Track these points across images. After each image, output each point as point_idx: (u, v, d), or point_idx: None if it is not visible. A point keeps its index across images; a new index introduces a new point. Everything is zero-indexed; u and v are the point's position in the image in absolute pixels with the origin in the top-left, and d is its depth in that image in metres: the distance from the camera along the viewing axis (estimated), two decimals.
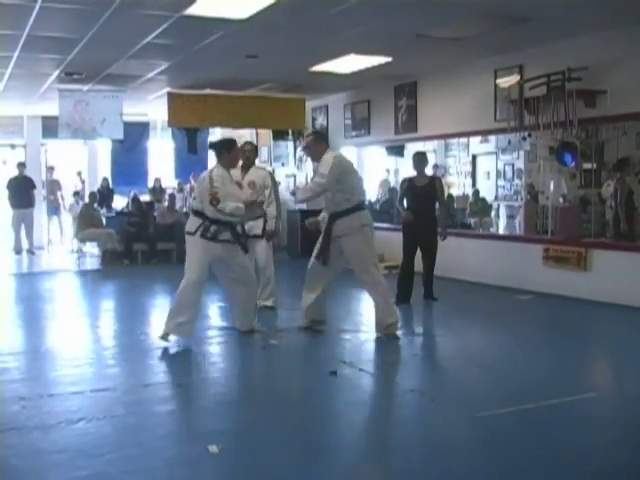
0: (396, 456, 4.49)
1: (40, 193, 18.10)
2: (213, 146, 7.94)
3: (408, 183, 9.68)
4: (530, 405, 5.28)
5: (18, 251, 16.29)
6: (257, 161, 9.71)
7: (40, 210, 17.99)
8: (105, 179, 17.66)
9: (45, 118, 17.73)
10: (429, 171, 10.70)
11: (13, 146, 18.71)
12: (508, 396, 5.60)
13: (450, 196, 15.44)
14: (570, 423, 5.00)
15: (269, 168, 10.16)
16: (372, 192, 16.84)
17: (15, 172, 16.71)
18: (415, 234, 9.57)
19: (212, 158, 20.48)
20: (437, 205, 9.73)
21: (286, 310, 9.19)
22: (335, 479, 4.30)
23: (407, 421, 5.15)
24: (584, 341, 7.53)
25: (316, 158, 7.88)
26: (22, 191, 16.32)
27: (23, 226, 16.39)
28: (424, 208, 9.53)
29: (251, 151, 9.18)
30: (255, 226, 8.67)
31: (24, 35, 9.36)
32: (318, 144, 7.84)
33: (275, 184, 9.23)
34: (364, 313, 9.26)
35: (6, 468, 4.23)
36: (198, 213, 7.26)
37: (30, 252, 16.37)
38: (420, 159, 9.83)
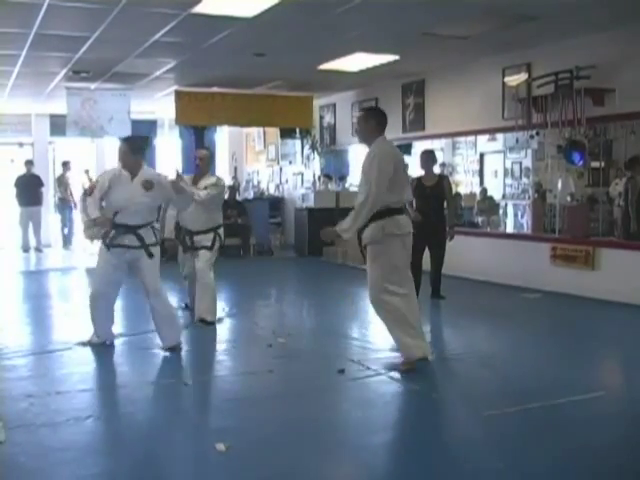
0: (403, 455, 4.49)
1: (49, 191, 18.14)
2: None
3: (417, 182, 9.58)
4: (537, 404, 5.27)
5: (26, 249, 16.32)
6: (263, 159, 9.72)
7: (48, 208, 18.01)
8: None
9: (53, 116, 17.75)
10: (437, 169, 10.65)
11: (21, 144, 18.74)
12: (515, 395, 5.58)
13: (458, 194, 15.43)
14: (578, 422, 4.98)
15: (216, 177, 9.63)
16: None
17: (23, 170, 16.74)
18: (424, 234, 9.42)
19: (220, 156, 20.55)
20: (445, 204, 9.70)
21: (294, 308, 9.20)
22: (342, 477, 4.31)
23: (414, 420, 5.14)
24: (592, 340, 7.50)
25: (364, 141, 6.72)
26: (30, 189, 16.36)
27: (31, 224, 16.42)
28: (432, 208, 9.49)
29: (202, 159, 8.94)
30: (204, 239, 8.51)
31: (32, 33, 9.37)
32: (367, 123, 6.67)
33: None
34: (370, 311, 9.25)
35: (14, 466, 4.24)
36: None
37: (38, 250, 16.40)
38: (428, 158, 9.78)
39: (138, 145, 7.26)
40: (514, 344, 7.44)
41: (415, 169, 13.37)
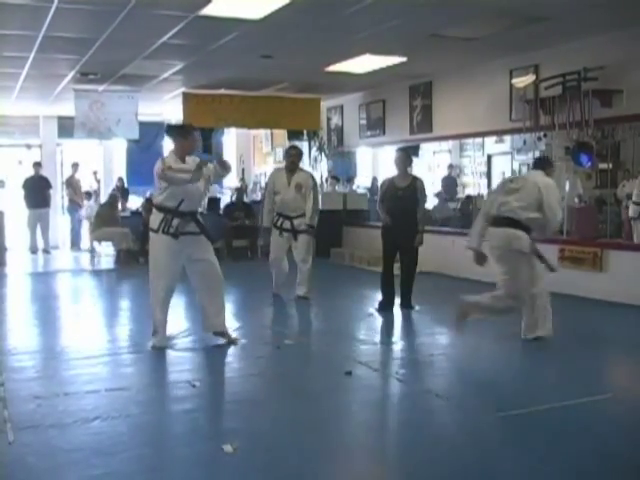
0: (411, 457, 4.48)
1: (57, 192, 18.18)
2: (169, 131, 7.43)
3: (388, 183, 9.25)
4: (546, 406, 5.26)
5: (34, 251, 16.36)
6: (271, 161, 9.98)
7: (56, 210, 18.05)
8: (120, 179, 17.70)
9: (61, 118, 17.79)
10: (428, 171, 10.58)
11: (29, 146, 18.79)
12: (523, 397, 5.58)
13: (469, 197, 15.42)
14: (586, 424, 4.97)
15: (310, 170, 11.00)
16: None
17: (31, 172, 16.78)
18: (394, 238, 9.14)
19: (227, 158, 20.55)
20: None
21: (301, 310, 9.21)
22: (350, 479, 4.31)
23: (422, 422, 5.13)
24: (600, 342, 7.49)
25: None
26: (38, 191, 16.39)
27: (39, 226, 16.46)
28: (403, 210, 9.01)
29: (296, 155, 10.03)
30: (302, 223, 9.71)
31: (40, 36, 9.40)
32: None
33: (315, 185, 10.18)
34: (375, 312, 9.26)
35: (22, 466, 4.25)
36: (160, 207, 6.97)
37: (46, 252, 16.43)
38: (402, 157, 9.22)
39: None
40: (521, 346, 7.42)
41: (420, 170, 13.37)
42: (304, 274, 9.88)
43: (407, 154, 9.44)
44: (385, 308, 9.13)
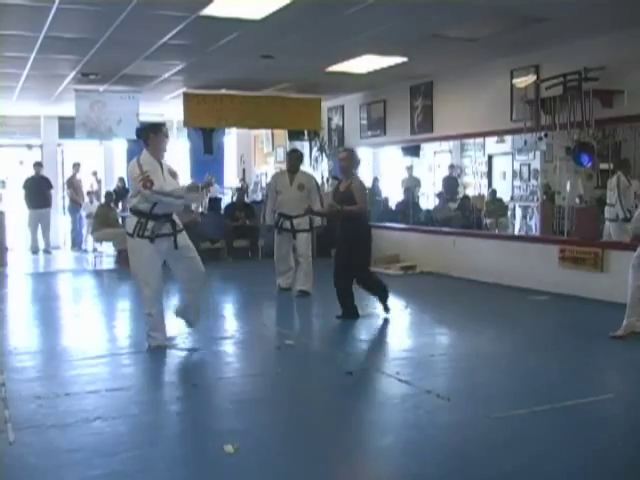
0: (412, 457, 4.49)
1: (58, 193, 18.18)
2: (139, 132, 7.26)
3: (335, 186, 9.13)
4: (546, 406, 5.26)
5: (35, 251, 16.37)
6: (271, 161, 10.07)
7: (56, 210, 18.05)
8: (121, 179, 17.70)
9: (62, 118, 17.78)
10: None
11: (30, 146, 18.80)
12: (524, 397, 5.58)
13: (466, 197, 15.43)
14: (586, 425, 4.97)
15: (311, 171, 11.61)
16: (389, 192, 16.85)
17: (32, 172, 16.79)
18: (336, 242, 8.93)
19: (228, 158, 20.58)
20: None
21: (301, 310, 9.22)
22: (351, 479, 4.31)
23: (423, 422, 5.14)
24: (600, 342, 7.48)
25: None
26: (39, 191, 16.40)
27: (40, 226, 16.47)
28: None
29: (297, 158, 10.63)
30: (302, 222, 10.16)
31: (41, 36, 9.40)
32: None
33: (318, 186, 10.80)
34: (379, 313, 9.25)
35: (23, 466, 4.25)
36: (134, 211, 6.93)
37: (46, 252, 16.44)
38: (347, 157, 8.77)
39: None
40: (522, 346, 7.43)
41: (422, 172, 13.38)
42: (304, 269, 10.17)
43: (352, 154, 8.92)
44: (348, 316, 8.60)
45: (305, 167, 17.32)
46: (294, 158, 10.65)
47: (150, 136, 6.95)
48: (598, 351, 7.21)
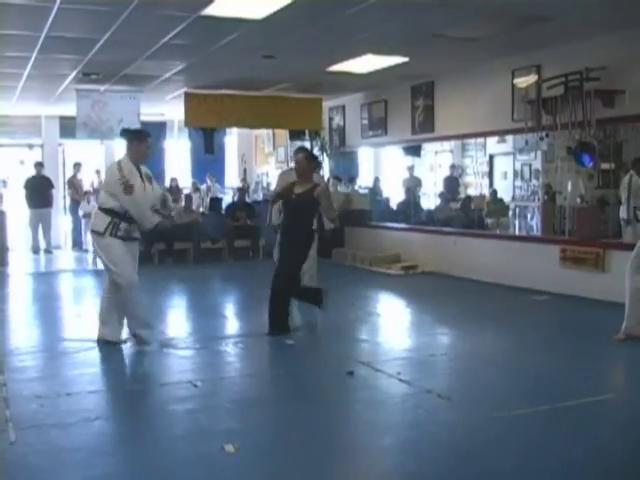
0: (412, 456, 4.48)
1: (59, 192, 18.18)
2: (125, 134, 7.25)
3: (284, 188, 8.33)
4: (546, 406, 5.26)
5: (36, 251, 16.37)
6: (272, 161, 9.89)
7: (57, 209, 18.05)
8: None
9: (63, 118, 17.78)
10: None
11: (31, 146, 18.80)
12: (524, 397, 5.58)
13: (469, 197, 15.45)
14: (586, 424, 4.97)
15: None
16: (390, 192, 16.87)
17: (33, 172, 16.79)
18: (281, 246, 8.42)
19: (229, 158, 20.58)
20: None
21: (302, 309, 9.20)
22: (352, 479, 4.31)
23: (423, 421, 5.14)
24: (600, 342, 7.47)
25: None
26: (40, 191, 16.39)
27: (41, 226, 16.46)
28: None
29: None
30: None
31: (42, 36, 9.40)
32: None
33: (327, 186, 10.17)
34: (381, 313, 9.27)
35: (24, 466, 4.25)
36: (106, 210, 6.86)
37: (47, 252, 16.44)
38: (302, 160, 8.11)
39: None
40: (523, 346, 7.43)
41: (423, 172, 13.34)
42: (309, 272, 9.73)
43: (308, 157, 8.27)
44: (280, 330, 7.83)
45: None
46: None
47: (134, 142, 7.00)
48: (599, 351, 7.21)
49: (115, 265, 6.88)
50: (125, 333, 7.40)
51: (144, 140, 7.06)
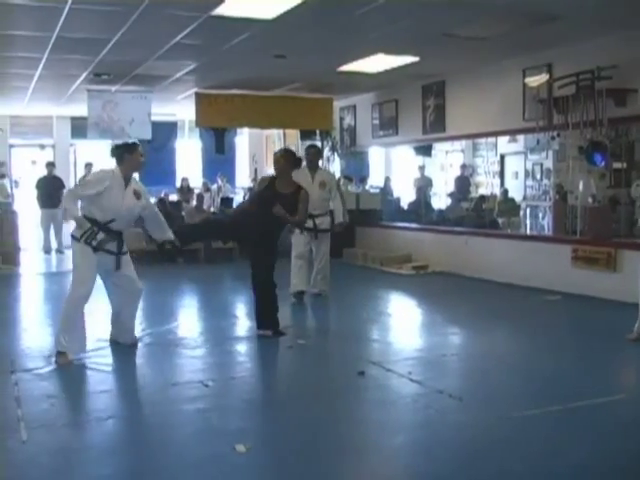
0: (423, 457, 4.48)
1: None
2: (113, 152, 7.05)
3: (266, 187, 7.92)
4: (558, 407, 5.24)
5: (47, 250, 16.41)
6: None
7: None
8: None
9: (74, 118, 17.84)
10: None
11: (42, 146, 18.87)
12: (536, 397, 5.56)
13: (482, 197, 15.42)
14: (598, 425, 4.95)
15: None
16: (401, 191, 16.86)
17: (44, 172, 16.84)
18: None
19: (240, 158, 20.57)
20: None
21: (313, 309, 9.22)
22: (362, 479, 4.31)
23: (434, 422, 5.13)
24: (613, 342, 7.45)
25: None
26: (51, 191, 16.42)
27: (52, 226, 16.51)
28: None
29: (315, 154, 10.03)
30: (324, 221, 9.73)
31: (53, 36, 9.43)
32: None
33: (339, 183, 10.27)
34: (392, 313, 9.26)
35: (35, 465, 4.27)
36: (87, 217, 6.73)
37: (59, 252, 16.48)
38: (280, 159, 7.87)
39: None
40: (534, 346, 7.40)
41: (434, 172, 13.25)
42: (323, 271, 9.85)
43: (287, 156, 7.97)
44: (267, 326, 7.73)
45: None
46: (312, 154, 9.93)
47: (125, 157, 6.92)
48: (611, 351, 7.17)
49: (74, 269, 6.77)
50: (139, 333, 7.43)
51: (135, 151, 6.99)
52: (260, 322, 7.68)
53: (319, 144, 16.35)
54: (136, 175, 7.36)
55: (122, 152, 6.94)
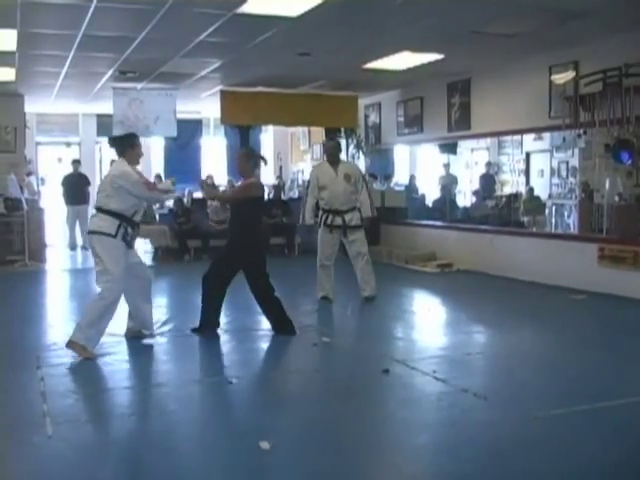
0: (447, 456, 4.46)
1: (96, 189, 18.32)
2: (114, 143, 7.20)
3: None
4: (585, 406, 5.20)
5: (73, 247, 16.51)
6: (308, 158, 9.84)
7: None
8: (158, 176, 17.77)
9: (100, 116, 17.96)
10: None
11: (68, 144, 19.00)
12: (562, 397, 5.53)
13: (512, 194, 15.33)
14: (626, 426, 4.91)
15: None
16: (426, 189, 16.81)
17: (70, 169, 16.94)
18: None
19: (265, 156, 20.57)
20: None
21: (338, 307, 9.20)
22: (386, 477, 4.30)
23: (459, 420, 5.10)
24: (639, 342, 7.39)
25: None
26: (77, 188, 16.52)
27: (78, 222, 16.60)
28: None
29: (334, 147, 9.72)
30: (354, 217, 9.29)
31: (80, 35, 9.48)
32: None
33: (363, 175, 9.91)
34: (416, 311, 9.22)
35: (60, 460, 4.30)
36: (112, 212, 6.80)
37: (84, 248, 16.56)
38: (240, 157, 7.85)
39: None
40: (560, 345, 7.36)
41: (459, 170, 13.18)
42: (365, 271, 9.44)
43: (246, 154, 7.87)
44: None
45: None
46: (332, 147, 9.66)
47: (128, 149, 6.99)
48: (637, 350, 7.11)
49: (112, 266, 6.73)
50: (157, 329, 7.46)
51: (135, 144, 7.06)
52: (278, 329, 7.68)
53: (344, 142, 16.38)
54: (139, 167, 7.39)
55: (125, 145, 7.05)
